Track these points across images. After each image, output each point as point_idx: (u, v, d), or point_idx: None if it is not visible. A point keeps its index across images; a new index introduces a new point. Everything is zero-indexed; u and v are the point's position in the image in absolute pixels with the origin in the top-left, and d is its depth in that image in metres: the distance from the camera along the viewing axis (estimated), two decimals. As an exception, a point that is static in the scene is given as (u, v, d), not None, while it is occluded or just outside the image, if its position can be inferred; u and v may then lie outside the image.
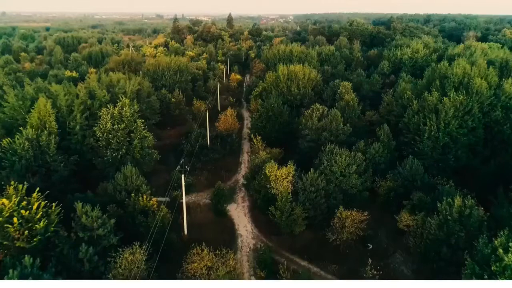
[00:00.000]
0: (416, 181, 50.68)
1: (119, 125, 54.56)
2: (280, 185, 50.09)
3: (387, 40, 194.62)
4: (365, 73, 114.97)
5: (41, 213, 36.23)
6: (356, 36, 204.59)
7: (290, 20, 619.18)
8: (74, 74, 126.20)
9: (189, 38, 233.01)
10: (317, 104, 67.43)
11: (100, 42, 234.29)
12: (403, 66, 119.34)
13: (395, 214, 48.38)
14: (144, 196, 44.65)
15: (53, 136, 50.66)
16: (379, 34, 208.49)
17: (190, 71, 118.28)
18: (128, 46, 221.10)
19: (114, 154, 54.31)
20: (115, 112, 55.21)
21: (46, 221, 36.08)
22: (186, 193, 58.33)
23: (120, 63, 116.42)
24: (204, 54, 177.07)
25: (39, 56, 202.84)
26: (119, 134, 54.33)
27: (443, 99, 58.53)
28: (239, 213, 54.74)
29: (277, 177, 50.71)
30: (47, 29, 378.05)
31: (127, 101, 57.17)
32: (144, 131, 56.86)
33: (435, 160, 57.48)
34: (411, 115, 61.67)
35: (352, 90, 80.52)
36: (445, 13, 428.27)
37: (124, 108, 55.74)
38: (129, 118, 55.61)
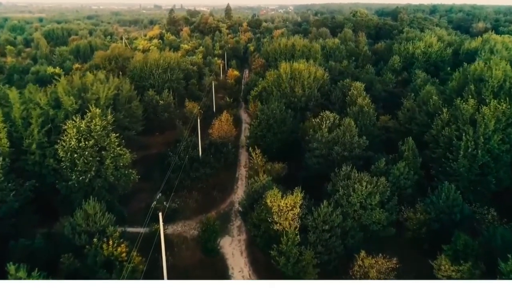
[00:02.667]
0: (454, 214, 40.63)
1: (86, 142, 44.33)
2: (285, 218, 40.16)
3: (394, 32, 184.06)
4: (374, 70, 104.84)
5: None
6: (361, 28, 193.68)
7: (290, 10, 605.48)
8: (57, 70, 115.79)
9: (185, 30, 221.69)
10: (326, 112, 57.15)
11: (91, 34, 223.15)
12: (415, 61, 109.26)
13: (429, 256, 38.35)
14: (111, 241, 34.64)
15: (1, 158, 40.49)
16: (386, 25, 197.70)
17: (183, 67, 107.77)
18: (121, 38, 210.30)
19: (81, 178, 44.17)
20: (82, 125, 44.99)
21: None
22: (171, 221, 48.70)
23: (106, 59, 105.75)
24: (201, 47, 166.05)
25: (28, 49, 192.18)
26: (86, 153, 44.14)
27: (481, 108, 48.29)
28: (234, 250, 44.67)
29: (281, 208, 40.74)
30: (41, 20, 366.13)
31: (97, 111, 46.90)
32: (118, 148, 46.60)
33: (470, 182, 47.50)
34: (440, 126, 51.47)
35: (364, 92, 70.39)
36: (450, 3, 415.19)
37: (94, 120, 45.52)
38: (99, 132, 45.37)
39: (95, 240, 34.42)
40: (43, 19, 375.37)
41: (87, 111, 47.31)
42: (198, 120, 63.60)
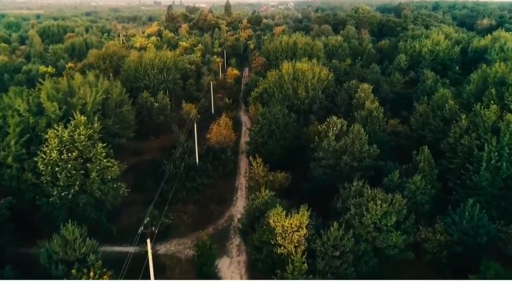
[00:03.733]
0: (480, 237, 36.26)
1: (69, 154, 39.97)
2: (290, 241, 35.87)
3: (397, 29, 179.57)
4: (379, 69, 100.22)
5: None
6: (364, 24, 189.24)
7: (290, 7, 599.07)
8: (50, 69, 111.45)
9: (184, 27, 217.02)
10: (333, 118, 52.63)
11: (88, 31, 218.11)
12: (422, 60, 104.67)
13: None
14: (92, 272, 30.31)
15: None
16: (389, 22, 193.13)
17: (180, 67, 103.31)
18: (119, 35, 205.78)
19: (63, 193, 39.82)
20: (65, 135, 40.60)
21: None
22: (164, 239, 44.45)
23: (100, 58, 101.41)
24: (200, 45, 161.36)
25: (23, 47, 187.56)
26: (69, 165, 39.78)
27: (504, 114, 43.89)
28: (233, 274, 40.29)
29: (286, 228, 36.45)
30: (38, 16, 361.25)
31: (82, 119, 42.51)
32: (105, 160, 42.18)
33: (493, 197, 43.13)
34: (459, 134, 47.04)
35: (372, 94, 65.94)
36: (453, 0, 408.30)
37: (78, 129, 41.14)
38: (84, 142, 40.99)
39: (73, 271, 30.08)
40: (40, 15, 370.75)
41: (71, 118, 42.89)
42: (195, 126, 59.18)
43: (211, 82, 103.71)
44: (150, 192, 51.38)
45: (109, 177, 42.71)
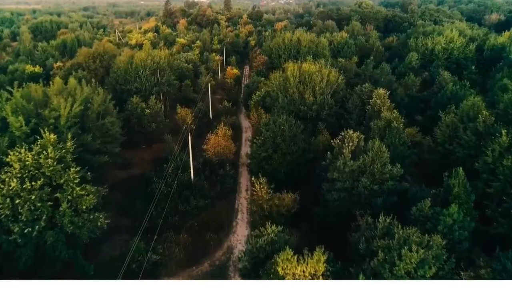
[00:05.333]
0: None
1: (33, 183, 32.88)
2: (302, 293, 28.90)
3: (404, 25, 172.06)
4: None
5: None
6: (369, 20, 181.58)
7: (291, 1, 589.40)
8: (37, 69, 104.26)
9: (182, 23, 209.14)
10: (349, 131, 45.21)
11: (82, 27, 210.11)
12: (435, 59, 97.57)
13: None
14: None
15: None
16: (395, 17, 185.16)
17: (176, 66, 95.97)
18: (115, 31, 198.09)
19: (26, 230, 32.76)
20: (29, 159, 33.50)
21: None
22: (153, 277, 37.47)
23: (90, 57, 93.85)
24: (198, 41, 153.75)
25: (15, 43, 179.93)
26: (33, 197, 32.69)
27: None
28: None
29: (297, 275, 29.49)
30: (34, 11, 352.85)
31: (51, 137, 35.40)
32: (78, 189, 35.02)
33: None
34: (498, 153, 39.95)
35: (389, 100, 58.78)
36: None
37: (46, 151, 34.02)
38: (52, 167, 33.89)
39: None
40: (36, 10, 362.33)
41: (38, 137, 35.77)
42: (189, 138, 52.00)
43: (210, 83, 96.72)
44: (138, 215, 44.61)
45: (84, 207, 35.53)
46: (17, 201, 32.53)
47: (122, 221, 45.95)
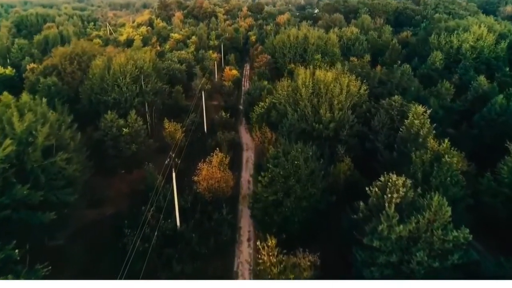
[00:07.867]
0: None
1: None
2: None
3: (416, 19, 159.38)
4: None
5: None
6: (379, 12, 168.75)
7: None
8: (8, 71, 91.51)
9: (178, 16, 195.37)
10: (393, 176, 32.26)
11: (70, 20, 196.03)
12: (462, 58, 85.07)
13: None
14: None
15: None
16: (406, 10, 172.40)
17: (166, 69, 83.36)
18: (106, 25, 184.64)
19: None
20: None
21: None
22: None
23: (67, 58, 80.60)
24: (194, 37, 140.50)
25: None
26: None
27: None
28: None
29: None
30: (25, 3, 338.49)
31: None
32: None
33: None
34: None
35: (428, 120, 45.85)
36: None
37: None
38: None
39: None
40: (28, 2, 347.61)
41: None
42: (174, 174, 39.37)
43: (205, 86, 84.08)
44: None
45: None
46: None
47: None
